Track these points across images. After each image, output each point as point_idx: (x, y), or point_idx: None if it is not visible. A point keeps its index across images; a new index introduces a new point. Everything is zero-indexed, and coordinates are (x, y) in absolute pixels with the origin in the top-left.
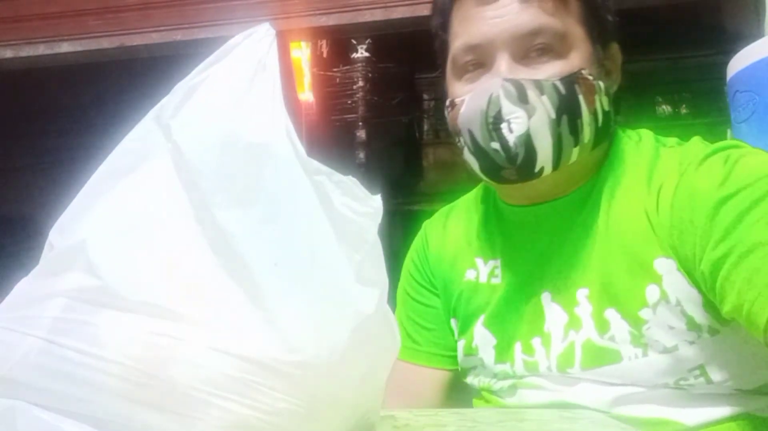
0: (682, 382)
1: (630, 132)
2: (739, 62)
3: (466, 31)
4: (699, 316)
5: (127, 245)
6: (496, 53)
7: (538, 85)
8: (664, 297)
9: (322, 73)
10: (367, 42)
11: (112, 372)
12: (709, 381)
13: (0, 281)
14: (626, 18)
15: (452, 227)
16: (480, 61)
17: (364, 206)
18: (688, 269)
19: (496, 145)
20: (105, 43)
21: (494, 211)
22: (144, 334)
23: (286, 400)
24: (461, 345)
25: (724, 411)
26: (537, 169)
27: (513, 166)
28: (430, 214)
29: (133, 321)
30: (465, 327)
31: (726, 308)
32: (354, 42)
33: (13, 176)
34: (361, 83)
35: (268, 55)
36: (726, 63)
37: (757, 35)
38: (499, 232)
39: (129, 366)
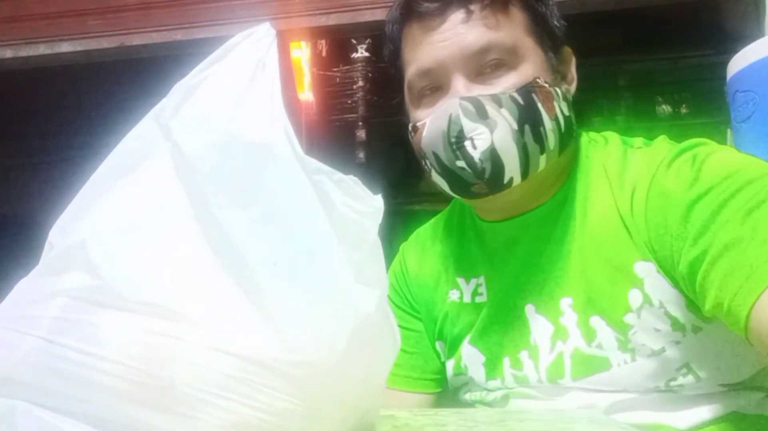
0: (671, 383)
1: (594, 135)
2: (739, 62)
3: (417, 57)
4: (682, 316)
5: (126, 245)
6: (450, 75)
7: (496, 99)
8: (647, 301)
9: (322, 73)
10: (367, 42)
11: (112, 372)
12: (697, 379)
13: (0, 281)
14: (626, 18)
15: (430, 248)
16: (436, 84)
17: (364, 205)
18: (668, 271)
19: (461, 163)
20: (105, 43)
21: (472, 228)
22: (144, 334)
23: (286, 400)
24: (450, 365)
25: (713, 410)
26: (506, 180)
27: (482, 180)
28: (431, 214)
29: (133, 321)
30: (453, 347)
31: (707, 307)
32: (354, 42)
33: (13, 176)
34: (361, 83)
35: (268, 55)
36: (726, 63)
37: (757, 35)
38: (478, 250)
39: (129, 365)
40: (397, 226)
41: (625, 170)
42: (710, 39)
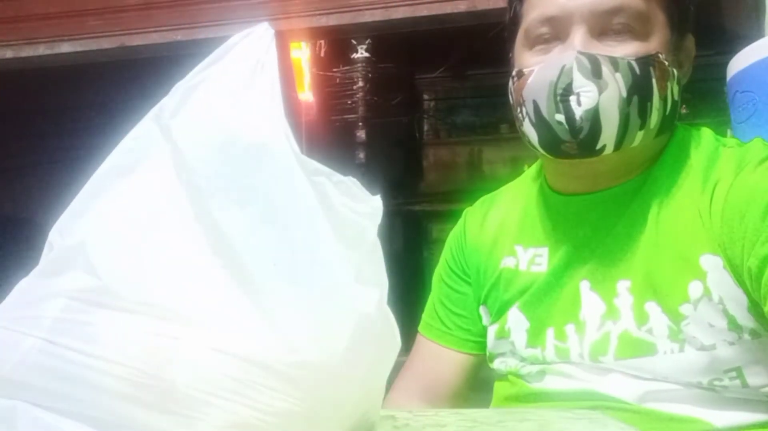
0: (715, 382)
1: (692, 130)
2: (739, 62)
3: (545, 2)
4: (741, 317)
5: (126, 245)
6: (572, 27)
7: (613, 61)
8: (707, 294)
9: (322, 73)
10: (367, 42)
11: (112, 372)
12: (744, 385)
13: (0, 281)
14: None
15: (493, 214)
16: (554, 33)
17: (363, 206)
18: (735, 268)
19: (560, 117)
20: (105, 43)
21: (541, 199)
22: (144, 334)
23: (285, 400)
24: (493, 329)
25: (756, 417)
26: (599, 146)
27: (575, 140)
28: (431, 214)
29: (133, 321)
30: (500, 312)
31: None
32: (354, 42)
33: (13, 176)
34: (361, 83)
35: (267, 54)
36: (726, 63)
37: (757, 35)
38: (545, 221)
39: (129, 366)
40: (397, 226)
41: (712, 165)
42: (710, 39)
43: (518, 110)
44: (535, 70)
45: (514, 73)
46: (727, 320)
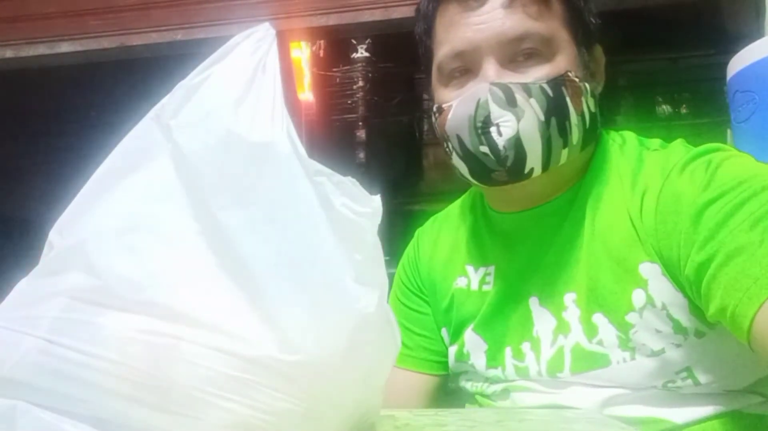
0: (669, 384)
1: (614, 134)
2: (739, 62)
3: (451, 37)
4: (685, 320)
5: (127, 245)
6: (483, 59)
7: (526, 88)
8: (650, 302)
9: (322, 73)
10: (367, 42)
11: (112, 372)
12: (696, 383)
13: (0, 281)
14: (626, 18)
15: (444, 234)
16: (466, 67)
17: (363, 206)
18: (673, 274)
19: (485, 149)
20: (105, 43)
21: (483, 218)
22: (144, 334)
23: (286, 400)
24: (453, 350)
25: (712, 409)
26: (527, 170)
27: (503, 168)
28: (431, 214)
29: (133, 321)
30: (457, 333)
31: (711, 311)
32: (354, 42)
33: (13, 176)
34: (361, 83)
35: (269, 55)
36: (726, 63)
37: (757, 35)
38: (489, 239)
39: (129, 366)
40: (397, 226)
41: (638, 171)
42: (710, 39)
43: (445, 144)
44: (453, 106)
45: (434, 109)
46: (672, 324)
